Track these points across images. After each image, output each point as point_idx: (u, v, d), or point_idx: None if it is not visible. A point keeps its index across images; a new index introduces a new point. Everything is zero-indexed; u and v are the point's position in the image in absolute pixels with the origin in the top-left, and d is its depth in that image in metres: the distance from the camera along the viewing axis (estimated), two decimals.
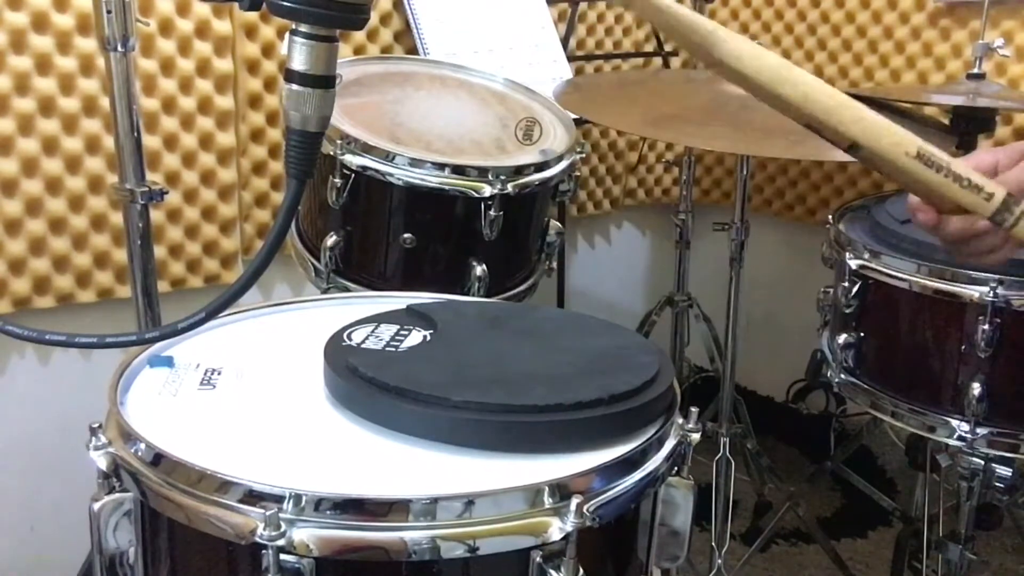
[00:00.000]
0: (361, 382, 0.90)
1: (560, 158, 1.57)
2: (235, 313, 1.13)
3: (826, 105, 0.87)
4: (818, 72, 2.67)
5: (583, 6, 2.48)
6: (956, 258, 1.01)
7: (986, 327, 1.48)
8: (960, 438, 1.54)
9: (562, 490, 0.78)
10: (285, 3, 0.77)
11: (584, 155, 1.66)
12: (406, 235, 1.48)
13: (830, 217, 1.80)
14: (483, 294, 1.50)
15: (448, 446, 0.85)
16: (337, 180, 1.46)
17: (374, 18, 2.11)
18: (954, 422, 1.55)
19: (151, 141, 1.84)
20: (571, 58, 2.34)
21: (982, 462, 1.59)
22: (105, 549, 0.83)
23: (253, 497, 0.76)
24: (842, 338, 1.68)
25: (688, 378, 2.83)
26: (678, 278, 2.64)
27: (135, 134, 1.40)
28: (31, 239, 1.76)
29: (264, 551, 0.73)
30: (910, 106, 2.10)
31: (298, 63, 0.79)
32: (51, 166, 1.76)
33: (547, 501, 0.77)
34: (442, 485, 0.78)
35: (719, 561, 2.09)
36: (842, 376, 1.71)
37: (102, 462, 0.83)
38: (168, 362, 1.00)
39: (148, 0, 1.79)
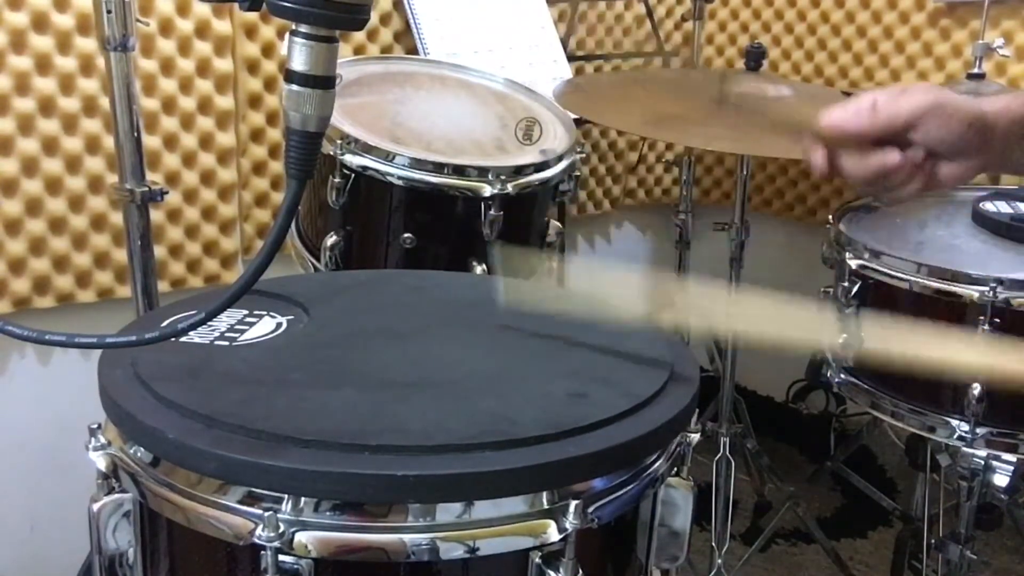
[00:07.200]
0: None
1: (560, 158, 1.57)
2: None
3: None
4: (818, 72, 2.67)
5: (583, 6, 2.47)
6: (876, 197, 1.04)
7: (986, 327, 1.48)
8: (960, 438, 1.54)
9: (561, 491, 0.78)
10: (285, 3, 0.77)
11: (584, 155, 1.66)
12: (406, 235, 1.48)
13: (830, 217, 1.80)
14: None
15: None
16: (337, 180, 1.45)
17: (374, 18, 2.11)
18: (954, 422, 1.54)
19: (151, 141, 1.84)
20: (571, 58, 2.34)
21: (982, 462, 1.59)
22: (104, 550, 0.83)
23: (252, 498, 0.75)
24: (842, 338, 1.68)
25: None
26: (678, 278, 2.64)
27: (135, 134, 1.40)
28: (31, 239, 1.76)
29: (263, 552, 0.73)
30: None
31: (298, 63, 0.79)
32: (51, 166, 1.76)
33: (546, 502, 0.77)
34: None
35: (719, 561, 2.09)
36: (842, 376, 1.71)
37: (101, 463, 0.83)
38: None
39: (148, 0, 1.79)
